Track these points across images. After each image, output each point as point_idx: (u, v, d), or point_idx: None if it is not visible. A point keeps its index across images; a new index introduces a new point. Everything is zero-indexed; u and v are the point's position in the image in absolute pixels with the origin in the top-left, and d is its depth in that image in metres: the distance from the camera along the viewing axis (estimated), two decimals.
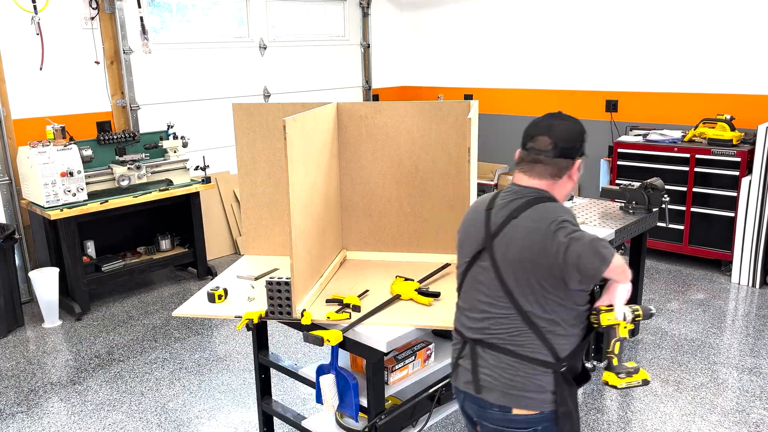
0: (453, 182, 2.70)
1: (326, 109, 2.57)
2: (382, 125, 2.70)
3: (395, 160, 2.73)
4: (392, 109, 2.68)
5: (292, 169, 2.12)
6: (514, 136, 7.58)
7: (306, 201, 2.31)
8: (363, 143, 2.74)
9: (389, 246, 2.85)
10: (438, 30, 7.10)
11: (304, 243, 2.28)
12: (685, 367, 3.62)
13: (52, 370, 3.80)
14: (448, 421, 3.16)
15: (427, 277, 2.57)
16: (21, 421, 3.28)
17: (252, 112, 2.74)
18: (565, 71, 6.12)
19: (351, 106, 2.72)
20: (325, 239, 2.61)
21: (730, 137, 4.75)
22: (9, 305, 4.30)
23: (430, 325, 2.22)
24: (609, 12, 5.72)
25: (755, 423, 3.08)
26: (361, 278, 2.62)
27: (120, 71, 5.18)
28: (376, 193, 2.79)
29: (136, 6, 5.04)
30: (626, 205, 3.64)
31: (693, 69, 5.32)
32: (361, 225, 2.84)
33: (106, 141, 4.72)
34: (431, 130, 2.67)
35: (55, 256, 4.60)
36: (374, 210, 2.81)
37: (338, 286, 2.53)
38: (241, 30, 6.01)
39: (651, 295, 4.58)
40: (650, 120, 5.62)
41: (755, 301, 4.48)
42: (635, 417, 3.16)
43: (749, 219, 4.62)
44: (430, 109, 2.65)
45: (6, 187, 4.65)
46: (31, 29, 4.63)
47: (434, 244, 2.79)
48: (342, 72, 6.89)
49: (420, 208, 2.77)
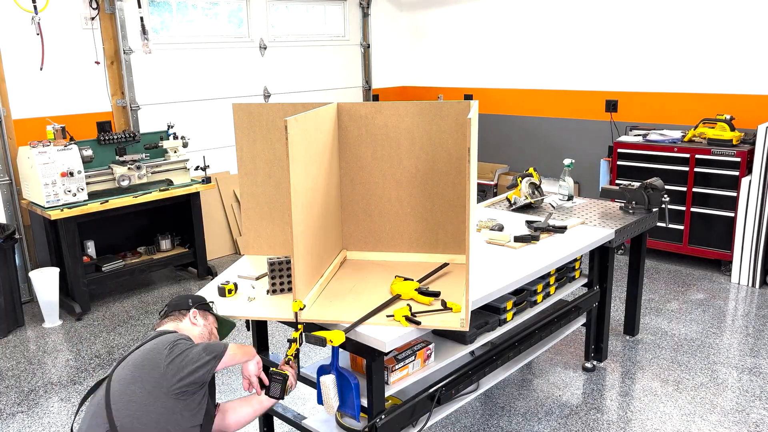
0: (453, 182, 2.70)
1: (327, 110, 2.57)
2: (382, 125, 2.71)
3: (395, 160, 2.73)
4: (392, 109, 2.69)
5: (294, 169, 2.12)
6: (514, 136, 7.63)
7: (307, 201, 2.31)
8: (363, 143, 2.74)
9: (389, 246, 2.85)
10: (438, 30, 7.10)
11: (305, 243, 2.28)
12: (685, 367, 3.62)
13: (53, 370, 3.80)
14: (448, 420, 3.16)
15: (427, 277, 2.57)
16: (21, 421, 3.28)
17: (252, 112, 2.74)
18: (565, 71, 6.12)
19: (351, 106, 2.72)
20: (326, 239, 2.61)
21: (730, 137, 4.76)
22: (9, 305, 4.31)
23: (430, 326, 2.22)
24: (609, 12, 5.72)
25: (755, 423, 3.08)
26: (361, 278, 2.62)
27: (120, 71, 5.18)
28: (376, 193, 2.79)
29: (136, 6, 5.04)
30: (626, 205, 3.64)
31: (693, 69, 5.32)
32: (361, 225, 2.85)
33: (106, 141, 4.72)
34: (431, 130, 2.67)
35: (55, 256, 4.60)
36: (374, 210, 2.81)
37: (339, 285, 2.53)
38: (241, 30, 6.01)
39: (651, 295, 4.58)
40: (650, 120, 5.62)
41: (755, 301, 4.48)
42: (635, 417, 3.16)
43: (749, 219, 4.62)
44: (431, 109, 2.65)
45: (6, 187, 4.66)
46: (32, 29, 4.64)
47: (434, 244, 2.80)
48: (342, 72, 6.90)
49: (420, 208, 2.77)
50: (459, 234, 2.75)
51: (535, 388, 3.45)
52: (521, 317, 2.85)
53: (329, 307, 2.34)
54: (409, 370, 2.36)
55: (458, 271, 2.66)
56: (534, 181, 3.72)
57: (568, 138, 6.24)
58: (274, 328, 4.14)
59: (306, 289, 2.32)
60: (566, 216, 3.52)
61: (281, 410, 2.74)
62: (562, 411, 3.23)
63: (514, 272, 2.67)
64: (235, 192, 5.90)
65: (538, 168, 4.09)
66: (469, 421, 3.17)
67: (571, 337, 3.94)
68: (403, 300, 2.37)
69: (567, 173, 3.82)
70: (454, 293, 2.41)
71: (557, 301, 3.15)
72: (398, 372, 2.32)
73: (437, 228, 2.77)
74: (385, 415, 2.26)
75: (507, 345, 2.87)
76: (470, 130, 2.08)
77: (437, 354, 2.47)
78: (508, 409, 3.26)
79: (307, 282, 2.33)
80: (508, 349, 2.87)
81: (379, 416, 2.24)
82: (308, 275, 2.35)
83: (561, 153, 6.19)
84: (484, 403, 3.32)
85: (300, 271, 2.22)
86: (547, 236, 3.13)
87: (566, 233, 3.19)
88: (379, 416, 2.23)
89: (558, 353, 3.82)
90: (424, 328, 2.20)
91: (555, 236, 3.15)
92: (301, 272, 2.23)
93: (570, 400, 3.33)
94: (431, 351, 2.44)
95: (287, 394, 2.21)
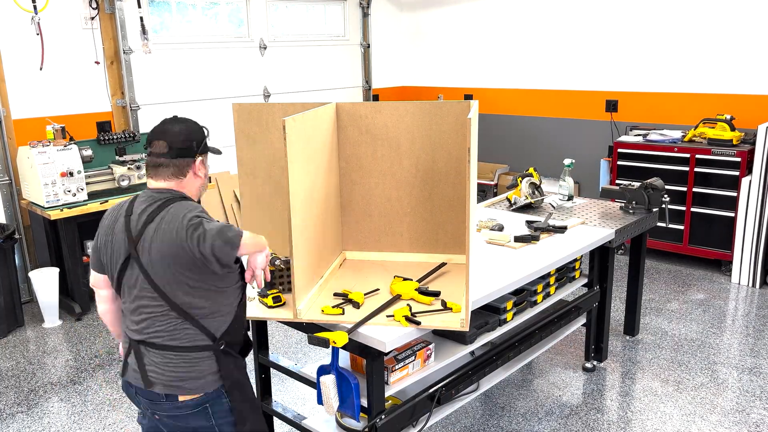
0: (453, 182, 2.70)
1: (326, 109, 2.57)
2: (382, 125, 2.70)
3: (395, 160, 2.73)
4: (392, 109, 2.68)
5: (292, 169, 2.12)
6: (514, 136, 7.63)
7: (306, 201, 2.30)
8: (362, 143, 2.74)
9: (388, 246, 2.85)
10: (438, 30, 7.10)
11: (304, 243, 2.28)
12: (685, 367, 3.62)
13: (52, 370, 3.80)
14: (448, 421, 3.16)
15: (425, 276, 2.57)
16: (21, 421, 3.28)
17: (252, 112, 2.74)
18: (565, 71, 6.12)
19: (350, 106, 2.72)
20: (326, 239, 2.61)
21: (730, 137, 4.75)
22: (9, 305, 4.31)
23: (430, 326, 2.22)
24: (609, 12, 5.72)
25: (755, 423, 3.08)
26: (361, 278, 2.62)
27: (120, 71, 5.18)
28: (375, 193, 2.79)
29: (136, 6, 5.04)
30: (626, 205, 3.64)
31: (693, 69, 5.32)
32: (361, 225, 2.84)
33: (106, 141, 4.72)
34: (431, 130, 2.66)
35: (55, 256, 4.60)
36: (374, 210, 2.81)
37: (338, 285, 2.53)
38: (241, 30, 6.01)
39: (651, 295, 4.58)
40: (650, 120, 5.62)
41: (755, 301, 4.48)
42: (635, 417, 3.16)
43: (749, 219, 4.62)
44: (431, 109, 2.65)
45: (6, 187, 4.65)
46: (31, 29, 4.64)
47: (434, 244, 2.79)
48: (342, 72, 6.89)
49: (420, 208, 2.76)
50: (459, 234, 2.74)
51: (535, 388, 3.45)
52: (521, 317, 2.85)
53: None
54: (409, 370, 2.36)
55: (457, 271, 2.65)
56: (534, 181, 3.72)
57: (568, 138, 6.24)
58: (274, 328, 4.13)
59: (306, 289, 2.32)
60: (566, 216, 3.52)
61: (281, 410, 2.74)
62: (562, 411, 3.23)
63: (514, 272, 2.66)
64: (235, 192, 5.90)
65: (538, 168, 4.09)
66: (469, 421, 3.16)
67: (571, 337, 3.94)
68: (403, 300, 2.37)
69: (567, 173, 3.82)
70: (454, 293, 2.40)
71: (557, 301, 3.15)
72: (398, 372, 2.32)
73: (437, 228, 2.77)
74: (385, 415, 2.26)
75: (507, 345, 2.87)
76: (470, 130, 2.08)
77: (437, 354, 2.47)
78: (508, 409, 3.26)
79: (307, 282, 2.33)
80: (508, 349, 2.87)
81: (379, 416, 2.24)
82: (308, 275, 2.35)
83: (561, 153, 6.19)
84: (484, 403, 3.32)
85: (300, 271, 2.22)
86: (547, 236, 3.13)
87: (566, 233, 3.19)
88: (379, 416, 2.23)
89: (558, 353, 3.82)
90: (424, 328, 2.20)
91: (555, 236, 3.15)
92: (300, 272, 2.23)
93: (570, 400, 3.33)
94: (431, 351, 2.44)
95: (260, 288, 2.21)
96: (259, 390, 2.81)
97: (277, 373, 3.27)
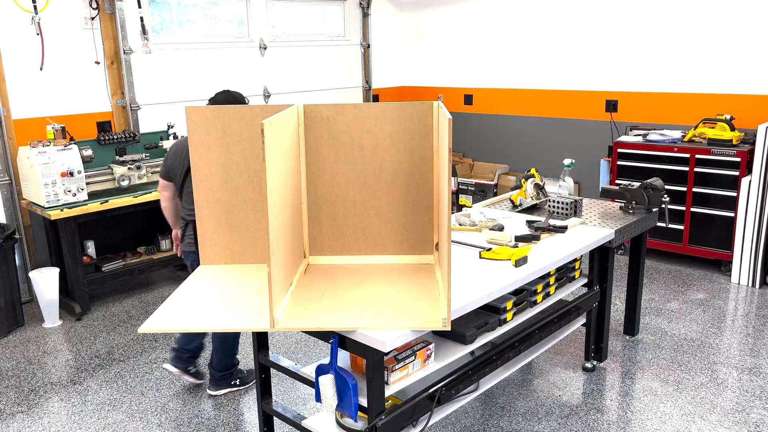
0: (417, 183, 2.66)
1: (291, 111, 2.52)
2: (345, 127, 2.64)
3: (359, 162, 2.67)
4: (356, 111, 2.63)
5: (270, 174, 2.06)
6: (514, 136, 7.64)
7: (280, 206, 2.25)
8: (325, 145, 2.67)
9: (353, 249, 2.78)
10: (438, 30, 7.11)
11: (281, 250, 2.23)
12: (685, 367, 3.62)
13: (52, 370, 3.80)
14: (448, 421, 3.16)
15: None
16: (21, 421, 3.28)
17: (207, 116, 2.65)
18: (565, 71, 6.12)
19: (314, 108, 2.65)
20: (293, 245, 2.54)
21: (729, 137, 4.76)
22: (9, 305, 4.31)
23: (411, 327, 2.18)
24: (609, 12, 5.72)
25: (755, 423, 3.08)
26: (330, 283, 2.55)
27: (120, 71, 5.18)
28: (339, 196, 2.72)
29: (136, 6, 5.04)
30: (626, 205, 3.64)
31: (693, 69, 5.32)
32: (325, 229, 2.77)
33: (106, 141, 4.72)
34: (394, 132, 2.62)
35: (55, 256, 4.60)
36: (338, 213, 2.74)
37: (308, 292, 2.45)
38: (241, 30, 6.01)
39: (651, 295, 4.58)
40: (650, 120, 5.63)
41: (755, 301, 4.48)
42: (635, 417, 3.16)
43: (749, 219, 4.62)
44: (394, 110, 2.61)
45: (6, 187, 4.66)
46: (31, 29, 4.64)
47: (399, 245, 2.74)
48: (342, 72, 6.90)
49: (384, 209, 2.71)
50: (425, 234, 2.70)
51: (535, 388, 3.45)
52: (521, 317, 2.85)
53: (304, 314, 2.25)
54: (409, 370, 2.36)
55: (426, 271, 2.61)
56: (538, 181, 3.72)
57: (568, 138, 6.24)
58: None
59: (279, 298, 2.25)
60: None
61: (281, 410, 2.75)
62: (562, 411, 3.23)
63: (514, 272, 2.67)
64: None
65: (538, 168, 4.09)
66: (469, 421, 3.17)
67: (571, 337, 3.94)
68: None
69: (567, 173, 3.82)
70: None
71: (557, 301, 3.15)
72: (398, 372, 2.32)
73: (402, 229, 2.71)
74: (385, 415, 2.26)
75: (507, 345, 2.87)
76: (442, 130, 2.05)
77: (437, 354, 2.47)
78: (508, 409, 3.26)
79: (280, 290, 2.27)
80: (508, 349, 2.87)
81: (380, 416, 2.24)
82: (281, 283, 2.29)
83: (561, 153, 6.19)
84: (484, 403, 3.32)
85: (276, 280, 2.15)
86: (548, 236, 3.13)
87: (566, 233, 3.19)
88: (379, 416, 2.23)
89: (558, 353, 3.82)
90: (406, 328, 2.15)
91: (555, 236, 3.15)
92: (276, 281, 2.16)
93: (570, 400, 3.33)
94: (431, 351, 2.44)
95: None
96: (259, 390, 2.81)
97: (277, 373, 3.27)
